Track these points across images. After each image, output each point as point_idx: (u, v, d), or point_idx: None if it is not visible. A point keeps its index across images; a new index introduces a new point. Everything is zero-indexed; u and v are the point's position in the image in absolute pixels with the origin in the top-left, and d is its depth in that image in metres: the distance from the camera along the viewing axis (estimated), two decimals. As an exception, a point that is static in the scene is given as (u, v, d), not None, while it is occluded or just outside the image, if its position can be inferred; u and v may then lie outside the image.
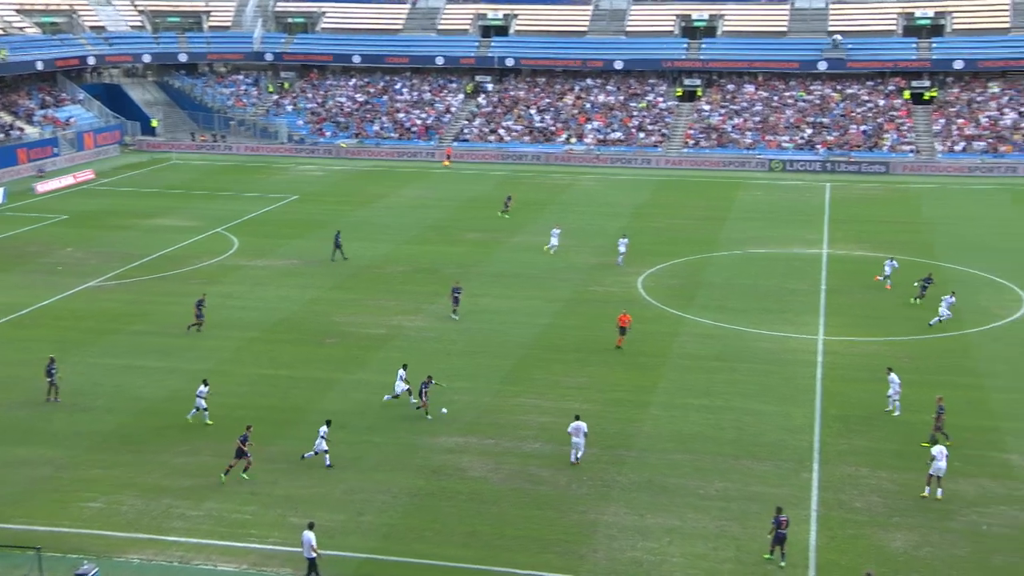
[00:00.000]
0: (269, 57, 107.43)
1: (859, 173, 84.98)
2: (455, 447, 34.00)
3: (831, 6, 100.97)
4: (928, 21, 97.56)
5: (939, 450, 30.38)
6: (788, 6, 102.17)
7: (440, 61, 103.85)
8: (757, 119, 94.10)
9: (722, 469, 32.51)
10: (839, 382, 39.65)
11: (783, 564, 27.04)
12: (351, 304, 49.73)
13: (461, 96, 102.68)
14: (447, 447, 33.99)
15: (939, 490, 30.33)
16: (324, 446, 32.52)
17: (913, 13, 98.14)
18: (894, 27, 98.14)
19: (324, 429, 32.71)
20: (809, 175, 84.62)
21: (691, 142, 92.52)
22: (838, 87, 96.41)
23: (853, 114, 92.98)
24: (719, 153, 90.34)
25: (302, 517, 28.84)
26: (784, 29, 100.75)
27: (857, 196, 76.15)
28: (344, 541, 28.19)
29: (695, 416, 36.42)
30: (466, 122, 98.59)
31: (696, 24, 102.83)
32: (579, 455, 32.82)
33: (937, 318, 45.43)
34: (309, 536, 26.35)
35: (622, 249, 56.69)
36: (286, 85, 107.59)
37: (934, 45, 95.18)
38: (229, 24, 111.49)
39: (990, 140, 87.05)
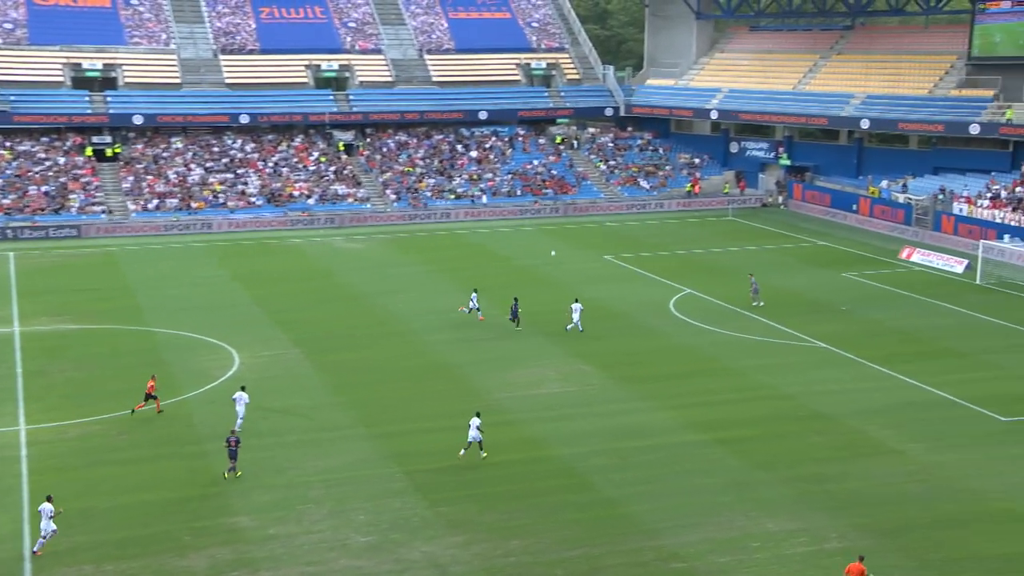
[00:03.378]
0: None
1: (48, 239, 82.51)
2: None
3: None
4: (98, 73, 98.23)
5: (474, 420, 38.20)
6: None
7: None
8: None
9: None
10: (50, 474, 37.35)
11: None
12: None
13: None
14: None
15: (481, 453, 38.02)
16: (52, 526, 31.15)
17: (81, 64, 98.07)
18: (62, 79, 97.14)
19: (49, 508, 31.39)
20: (-13, 245, 79.93)
21: None
22: (7, 144, 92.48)
23: (31, 174, 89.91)
24: None
25: None
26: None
27: (49, 265, 73.61)
28: None
29: None
30: None
31: None
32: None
33: (572, 324, 54.48)
34: None
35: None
36: None
37: (109, 99, 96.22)
38: None
39: (182, 197, 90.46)
